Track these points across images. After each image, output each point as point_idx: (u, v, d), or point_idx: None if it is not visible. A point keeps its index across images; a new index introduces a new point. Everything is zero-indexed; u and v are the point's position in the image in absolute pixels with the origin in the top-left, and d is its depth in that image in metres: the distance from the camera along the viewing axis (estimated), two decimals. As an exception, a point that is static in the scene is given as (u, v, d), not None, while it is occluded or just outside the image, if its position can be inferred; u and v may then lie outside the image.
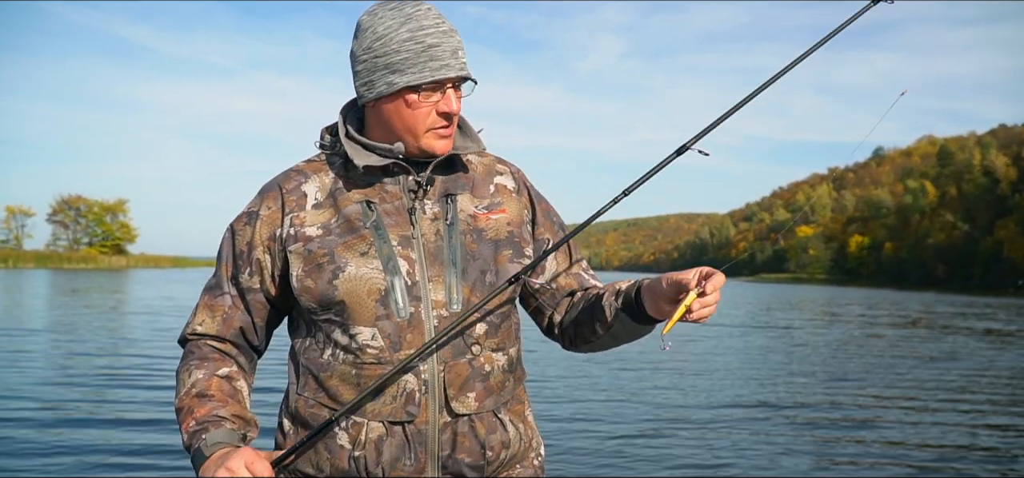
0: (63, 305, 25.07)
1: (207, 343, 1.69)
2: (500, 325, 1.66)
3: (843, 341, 19.45)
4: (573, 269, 1.80)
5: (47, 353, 12.94)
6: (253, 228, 1.66)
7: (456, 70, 1.57)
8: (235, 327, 1.69)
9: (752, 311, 32.38)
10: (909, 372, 13.57)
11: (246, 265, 1.66)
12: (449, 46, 1.57)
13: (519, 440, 1.68)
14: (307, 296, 1.59)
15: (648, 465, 6.77)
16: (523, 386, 1.76)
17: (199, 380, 1.62)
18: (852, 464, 7.10)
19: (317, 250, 1.59)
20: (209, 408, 1.57)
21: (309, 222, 1.62)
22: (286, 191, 1.66)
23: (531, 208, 1.77)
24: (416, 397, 1.56)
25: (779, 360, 14.83)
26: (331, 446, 1.58)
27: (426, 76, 1.55)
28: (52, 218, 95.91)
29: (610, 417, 8.64)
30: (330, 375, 1.59)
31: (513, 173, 1.78)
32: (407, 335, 1.56)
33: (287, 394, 1.69)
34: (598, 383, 11.03)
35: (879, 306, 40.64)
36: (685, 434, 7.90)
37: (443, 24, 1.59)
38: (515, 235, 1.69)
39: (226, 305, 1.68)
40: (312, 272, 1.58)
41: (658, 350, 15.57)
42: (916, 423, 9.02)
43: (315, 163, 1.70)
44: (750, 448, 7.45)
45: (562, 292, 1.79)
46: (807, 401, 10.24)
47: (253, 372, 1.76)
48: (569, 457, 6.88)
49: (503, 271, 1.65)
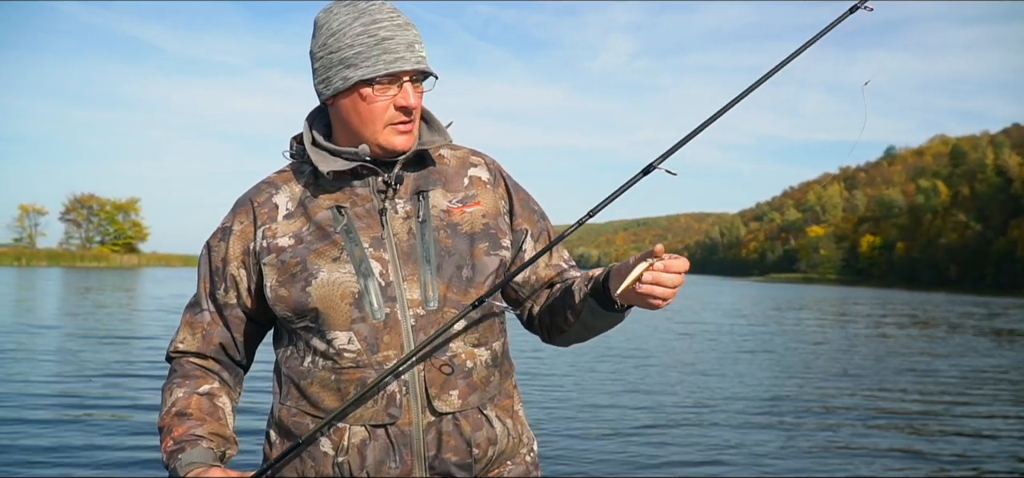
0: (76, 303, 25.21)
1: (190, 360, 1.69)
2: (481, 320, 1.64)
3: (853, 340, 19.37)
4: (553, 260, 1.77)
5: (61, 348, 13.02)
6: (227, 243, 1.66)
7: (411, 63, 1.55)
8: (215, 343, 1.69)
9: (762, 310, 32.27)
10: (918, 372, 13.50)
11: (222, 281, 1.67)
12: (403, 39, 1.55)
13: (507, 436, 1.66)
14: (281, 305, 1.59)
15: (649, 463, 6.76)
16: (512, 381, 1.74)
17: (179, 399, 1.62)
18: (857, 462, 7.08)
19: (290, 260, 1.59)
20: (186, 427, 1.57)
21: (281, 233, 1.62)
22: (257, 204, 1.66)
23: (508, 199, 1.74)
24: (397, 399, 1.55)
25: (786, 359, 14.77)
26: (315, 453, 1.57)
27: (380, 69, 1.54)
28: (65, 216, 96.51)
29: (611, 415, 8.63)
30: (310, 382, 1.59)
31: (488, 164, 1.75)
32: (383, 336, 1.55)
33: (272, 405, 1.70)
34: (596, 379, 11.02)
35: (890, 306, 40.45)
36: (683, 432, 7.89)
37: (398, 18, 1.57)
38: (491, 227, 1.67)
39: (205, 322, 1.69)
40: (285, 282, 1.58)
41: (658, 349, 15.55)
42: (924, 425, 8.98)
43: (285, 173, 1.70)
44: (751, 446, 7.43)
45: (541, 283, 1.76)
46: (811, 400, 10.21)
47: (238, 386, 1.76)
48: (568, 454, 6.88)
49: (480, 265, 1.63)
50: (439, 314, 1.58)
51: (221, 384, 1.69)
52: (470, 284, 1.62)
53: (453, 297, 1.60)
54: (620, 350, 14.70)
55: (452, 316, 1.58)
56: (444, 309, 1.59)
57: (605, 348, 14.45)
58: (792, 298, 49.24)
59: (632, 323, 17.24)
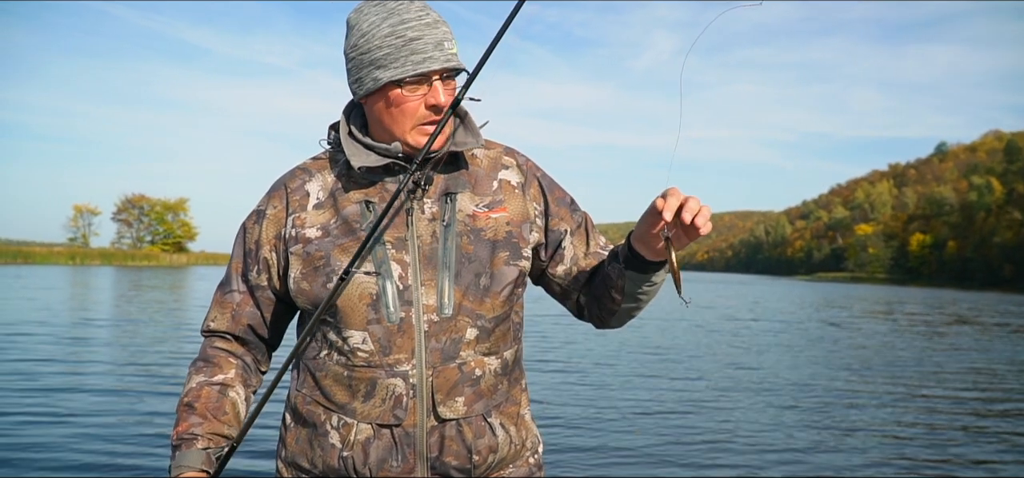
0: (129, 299, 25.80)
1: (216, 344, 1.73)
2: (494, 329, 1.65)
3: (903, 342, 18.98)
4: (591, 248, 1.77)
5: (114, 342, 13.33)
6: (260, 227, 1.69)
7: (440, 62, 1.55)
8: (244, 323, 1.72)
9: (805, 310, 31.79)
10: (968, 372, 13.18)
11: (254, 263, 1.70)
12: (432, 38, 1.55)
13: (509, 444, 1.67)
14: (302, 298, 1.63)
15: (653, 462, 6.69)
16: (520, 387, 1.75)
17: (193, 388, 1.68)
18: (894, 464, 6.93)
19: (315, 252, 1.61)
20: (189, 423, 1.63)
21: (309, 223, 1.64)
22: (290, 190, 1.68)
23: (543, 200, 1.74)
24: (404, 401, 1.57)
25: (822, 359, 14.53)
26: (323, 444, 1.62)
27: (408, 70, 1.54)
28: (117, 216, 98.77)
29: (628, 408, 8.57)
30: (324, 374, 1.63)
31: (520, 164, 1.74)
32: (396, 339, 1.57)
33: (289, 388, 1.74)
34: (614, 369, 10.94)
35: (940, 306, 39.54)
36: (701, 419, 7.80)
37: (427, 16, 1.57)
38: (514, 235, 1.66)
39: (235, 302, 1.72)
40: (308, 275, 1.61)
41: (683, 348, 15.39)
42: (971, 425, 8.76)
43: (320, 161, 1.72)
44: (774, 444, 7.32)
45: (584, 273, 1.76)
46: (847, 397, 10.02)
47: (265, 363, 1.80)
48: (574, 454, 6.84)
49: (499, 274, 1.63)
50: (453, 322, 1.59)
51: (239, 371, 1.72)
52: (487, 293, 1.62)
53: (468, 305, 1.60)
54: (638, 345, 14.59)
55: (465, 324, 1.60)
56: (458, 317, 1.60)
57: (662, 348, 14.31)
58: (841, 297, 48.40)
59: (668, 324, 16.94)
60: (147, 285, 35.93)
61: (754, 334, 19.59)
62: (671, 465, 6.66)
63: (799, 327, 22.60)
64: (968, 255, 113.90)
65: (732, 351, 15.40)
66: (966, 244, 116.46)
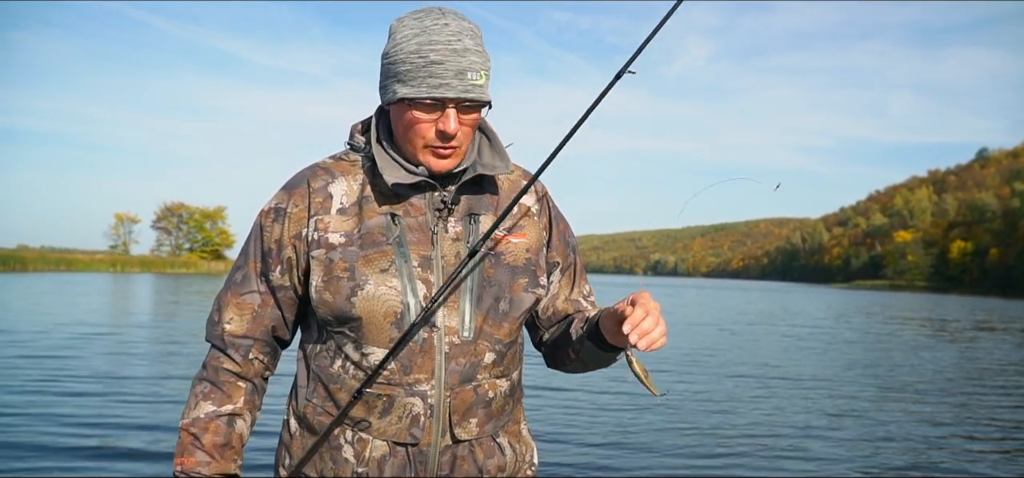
0: (169, 305, 26.23)
1: (225, 364, 1.67)
2: (507, 353, 1.66)
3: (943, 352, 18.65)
4: (573, 294, 1.80)
5: (153, 348, 13.58)
6: (282, 225, 1.64)
7: (456, 91, 1.52)
8: (265, 326, 1.67)
9: (834, 318, 31.33)
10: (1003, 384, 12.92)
11: (276, 262, 1.64)
12: (454, 65, 1.52)
13: (514, 461, 1.71)
14: (325, 308, 1.59)
15: (654, 461, 6.67)
16: (520, 404, 1.78)
17: (200, 418, 1.64)
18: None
19: (338, 261, 1.57)
20: (195, 461, 1.61)
21: (333, 228, 1.60)
22: (313, 190, 1.63)
23: (549, 229, 1.75)
24: (421, 421, 1.57)
25: (844, 371, 14.34)
26: (336, 458, 1.61)
27: (423, 92, 1.52)
28: (156, 224, 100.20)
29: (627, 422, 8.54)
30: (339, 387, 1.60)
31: (537, 191, 1.75)
32: (417, 359, 1.56)
33: (295, 393, 1.70)
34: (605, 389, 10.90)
35: (984, 315, 38.69)
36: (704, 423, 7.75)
37: (457, 41, 1.53)
38: (532, 262, 1.68)
39: (255, 303, 1.67)
40: (331, 284, 1.57)
41: (686, 361, 15.25)
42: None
43: (344, 163, 1.67)
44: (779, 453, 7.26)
45: (559, 316, 1.79)
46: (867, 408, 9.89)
47: (275, 366, 1.75)
48: (570, 462, 6.84)
49: (517, 300, 1.64)
50: (473, 345, 1.60)
51: (247, 398, 1.68)
52: (505, 318, 1.63)
53: (488, 329, 1.61)
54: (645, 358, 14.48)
55: (484, 348, 1.61)
56: (478, 340, 1.60)
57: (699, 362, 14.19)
58: (879, 305, 47.60)
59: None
60: (186, 292, 36.45)
61: (790, 339, 19.34)
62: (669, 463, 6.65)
63: (838, 337, 22.26)
64: (1011, 262, 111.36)
65: (775, 354, 15.26)
66: (1009, 252, 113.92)
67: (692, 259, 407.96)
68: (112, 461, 6.30)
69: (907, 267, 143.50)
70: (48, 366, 10.98)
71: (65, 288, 35.64)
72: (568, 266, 1.79)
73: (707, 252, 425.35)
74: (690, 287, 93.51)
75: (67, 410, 8.09)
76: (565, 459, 6.83)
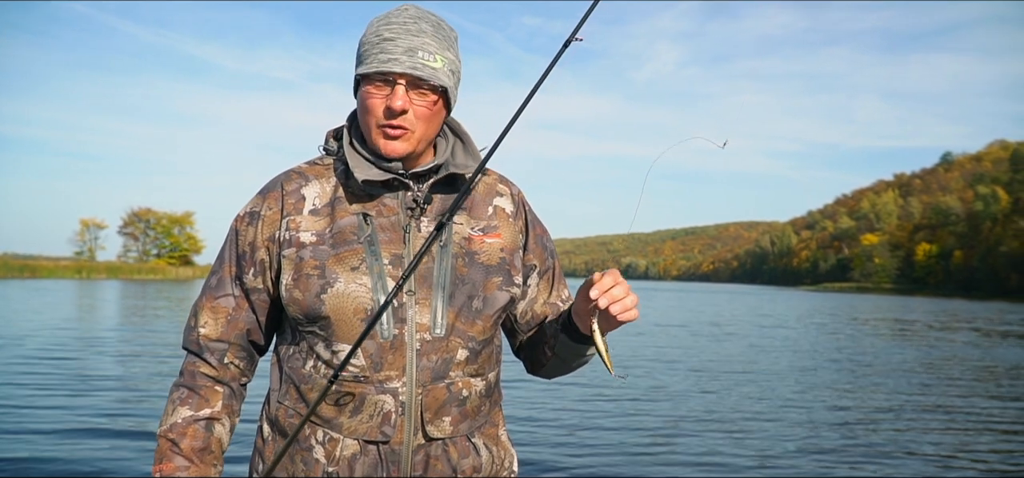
0: (134, 312, 25.88)
1: (201, 368, 1.66)
2: (481, 351, 1.65)
3: (912, 353, 18.94)
4: (551, 298, 1.80)
5: (122, 352, 13.40)
6: (256, 228, 1.64)
7: (404, 66, 1.53)
8: (240, 329, 1.66)
9: (805, 322, 31.69)
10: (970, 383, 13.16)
11: (250, 265, 1.65)
12: (405, 43, 1.54)
13: (491, 464, 1.69)
14: (294, 307, 1.58)
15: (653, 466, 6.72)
16: (499, 407, 1.77)
17: (178, 423, 1.61)
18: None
19: (308, 259, 1.58)
20: (173, 467, 1.58)
21: (304, 228, 1.60)
22: (286, 192, 1.64)
23: (525, 232, 1.76)
24: (392, 418, 1.56)
25: (819, 371, 14.52)
26: (307, 459, 1.59)
27: (372, 67, 1.54)
28: (123, 230, 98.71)
29: (614, 425, 8.59)
30: (310, 388, 1.59)
31: (513, 195, 1.76)
32: (388, 356, 1.56)
33: (268, 397, 1.69)
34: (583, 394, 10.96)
35: (948, 316, 39.37)
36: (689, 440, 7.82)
37: (413, 24, 1.56)
38: (506, 262, 1.68)
39: (230, 307, 1.66)
40: (300, 282, 1.57)
41: (661, 366, 15.39)
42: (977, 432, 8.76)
43: (317, 167, 1.68)
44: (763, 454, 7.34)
45: (537, 319, 1.79)
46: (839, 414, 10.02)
47: (252, 372, 1.73)
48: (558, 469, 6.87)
49: (491, 298, 1.64)
50: (445, 342, 1.59)
51: (225, 401, 1.66)
52: (478, 316, 1.63)
53: (460, 326, 1.61)
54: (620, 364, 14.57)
55: (457, 345, 1.60)
56: (450, 337, 1.60)
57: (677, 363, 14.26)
58: (848, 308, 48.18)
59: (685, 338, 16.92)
60: (153, 298, 35.98)
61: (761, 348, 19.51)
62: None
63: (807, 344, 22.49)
64: (974, 265, 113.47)
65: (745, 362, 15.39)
66: (972, 254, 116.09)
67: (663, 263, 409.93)
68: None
69: (874, 270, 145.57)
70: (11, 371, 10.81)
71: (30, 295, 35.02)
72: (546, 270, 1.80)
73: (678, 256, 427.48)
74: (662, 290, 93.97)
75: (30, 423, 7.95)
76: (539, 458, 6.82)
